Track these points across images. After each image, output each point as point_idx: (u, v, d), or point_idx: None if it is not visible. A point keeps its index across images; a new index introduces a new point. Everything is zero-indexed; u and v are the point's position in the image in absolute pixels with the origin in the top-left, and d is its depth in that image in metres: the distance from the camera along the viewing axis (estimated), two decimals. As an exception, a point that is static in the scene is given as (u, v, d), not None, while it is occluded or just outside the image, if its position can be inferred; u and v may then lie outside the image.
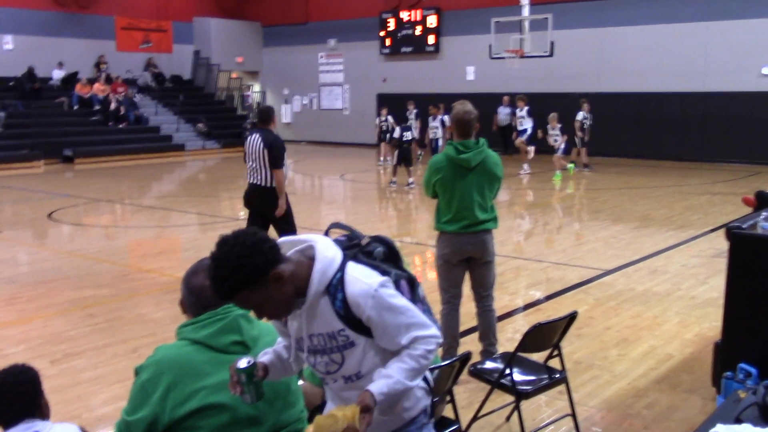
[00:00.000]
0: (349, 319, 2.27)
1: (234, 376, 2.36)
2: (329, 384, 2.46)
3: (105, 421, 4.51)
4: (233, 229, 2.20)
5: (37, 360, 5.59)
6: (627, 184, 15.89)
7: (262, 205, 7.60)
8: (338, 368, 2.37)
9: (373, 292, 2.24)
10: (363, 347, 2.33)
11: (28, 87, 22.89)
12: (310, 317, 2.31)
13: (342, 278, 2.26)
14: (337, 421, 2.14)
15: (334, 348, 2.33)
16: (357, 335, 2.30)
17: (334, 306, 2.27)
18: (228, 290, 2.15)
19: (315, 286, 2.25)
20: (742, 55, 18.85)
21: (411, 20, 25.06)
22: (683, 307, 6.81)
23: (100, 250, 9.76)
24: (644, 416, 4.57)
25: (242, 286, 2.13)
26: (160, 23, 27.63)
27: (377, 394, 2.22)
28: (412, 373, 2.29)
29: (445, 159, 5.06)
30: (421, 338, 2.30)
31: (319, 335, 2.33)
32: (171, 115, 25.57)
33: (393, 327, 2.27)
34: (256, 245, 2.15)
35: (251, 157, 7.49)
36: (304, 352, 2.41)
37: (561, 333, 4.10)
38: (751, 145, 18.91)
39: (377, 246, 2.43)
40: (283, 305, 2.26)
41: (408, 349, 2.29)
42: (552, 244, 9.72)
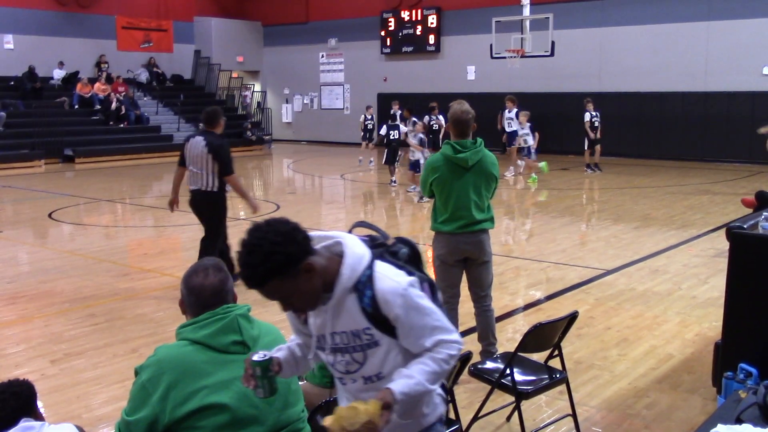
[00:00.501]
0: (376, 318, 2.25)
1: (249, 369, 2.35)
2: (347, 384, 2.42)
3: (105, 421, 4.51)
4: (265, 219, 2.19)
5: (37, 360, 5.61)
6: (628, 183, 15.89)
7: (204, 210, 7.31)
8: (359, 368, 2.35)
9: (402, 290, 2.23)
10: (386, 347, 2.31)
11: (28, 86, 22.88)
12: (336, 314, 2.29)
13: (371, 276, 2.24)
14: (358, 414, 2.13)
15: (357, 347, 2.31)
16: (382, 335, 2.29)
17: (362, 303, 2.25)
18: (259, 278, 2.12)
19: (344, 282, 2.23)
20: (743, 54, 18.85)
21: (411, 20, 25.06)
22: (684, 307, 6.80)
23: (101, 250, 9.76)
24: (645, 416, 4.57)
25: (274, 274, 2.11)
26: (161, 23, 27.63)
27: (398, 393, 2.20)
28: (433, 376, 2.27)
29: (442, 158, 5.05)
30: (444, 342, 2.29)
31: (343, 333, 2.30)
32: (172, 114, 25.57)
33: (419, 328, 2.26)
34: (290, 233, 2.14)
35: (192, 161, 7.13)
36: (324, 351, 2.39)
37: (561, 333, 4.10)
38: (752, 144, 18.84)
39: (402, 247, 2.42)
40: (311, 298, 2.24)
41: (431, 352, 2.28)
42: (552, 243, 9.72)
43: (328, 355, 2.38)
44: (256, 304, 2.69)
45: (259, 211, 7.40)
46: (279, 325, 2.90)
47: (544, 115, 22.01)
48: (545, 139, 21.87)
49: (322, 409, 2.99)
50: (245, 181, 18.43)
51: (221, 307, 2.60)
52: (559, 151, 21.67)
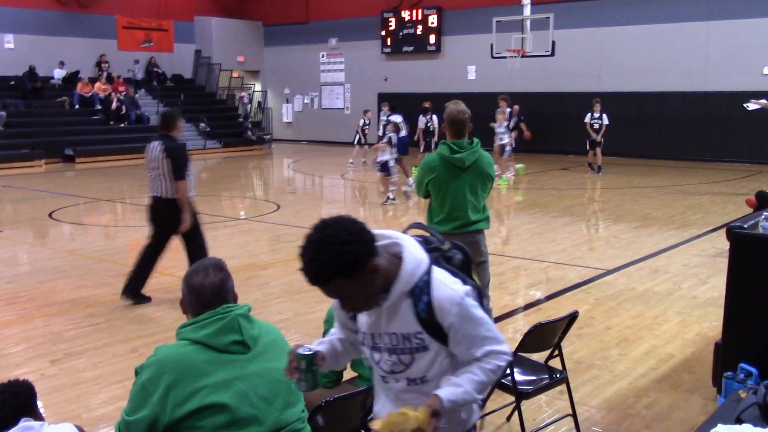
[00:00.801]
0: (430, 324, 2.25)
1: (293, 361, 2.34)
2: (389, 383, 2.41)
3: (105, 421, 4.51)
4: (332, 215, 2.17)
5: (37, 359, 5.61)
6: (628, 183, 15.88)
7: (164, 219, 7.01)
8: (404, 369, 2.35)
9: (459, 299, 2.23)
10: (435, 352, 2.31)
11: (29, 86, 22.89)
12: (389, 316, 2.29)
13: (428, 282, 2.24)
14: (408, 420, 2.14)
15: (405, 349, 2.31)
16: (432, 340, 2.28)
17: (417, 308, 2.25)
18: (325, 276, 2.10)
19: (402, 286, 2.23)
20: (743, 54, 18.85)
21: (412, 19, 25.06)
22: (684, 307, 6.80)
23: (101, 250, 9.76)
24: (645, 416, 4.57)
25: (340, 273, 2.09)
26: (161, 22, 27.63)
27: (446, 400, 2.21)
28: (481, 386, 2.28)
29: (438, 158, 5.04)
30: (494, 353, 2.29)
31: (393, 334, 2.30)
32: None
33: (471, 337, 2.26)
34: (359, 233, 2.12)
35: (150, 166, 6.94)
36: (371, 349, 2.39)
37: (561, 333, 4.10)
38: (752, 144, 18.91)
39: (457, 253, 2.43)
40: (371, 298, 2.23)
41: (480, 362, 2.29)
42: (552, 243, 9.72)
43: (374, 353, 2.39)
44: (256, 304, 2.69)
45: (186, 228, 6.98)
46: (279, 325, 2.90)
47: (545, 114, 22.05)
48: (545, 139, 21.97)
49: (322, 409, 2.99)
50: (245, 181, 18.43)
51: (221, 306, 2.60)
52: (559, 151, 21.70)
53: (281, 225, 11.36)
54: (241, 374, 2.53)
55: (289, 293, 7.43)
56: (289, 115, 29.43)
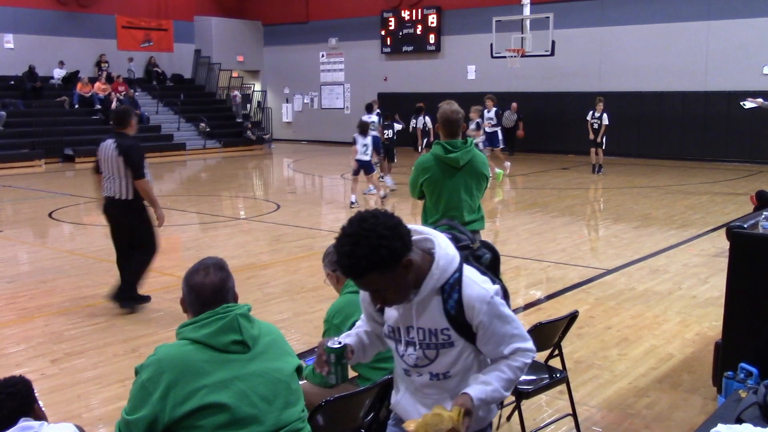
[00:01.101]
0: (458, 321, 2.28)
1: (323, 355, 2.38)
2: (411, 377, 2.44)
3: (105, 421, 4.51)
4: (369, 209, 2.20)
5: (37, 359, 5.61)
6: (628, 183, 15.88)
7: (120, 219, 6.74)
8: (428, 364, 2.37)
9: (489, 298, 2.26)
10: (460, 349, 2.34)
11: (29, 86, 22.90)
12: (418, 311, 2.31)
13: (459, 279, 2.26)
14: (443, 420, 2.17)
15: (431, 345, 2.34)
16: (458, 337, 2.31)
17: (446, 305, 2.27)
18: (361, 269, 2.12)
19: (433, 282, 2.25)
20: (743, 54, 18.85)
21: (412, 19, 25.06)
22: (684, 307, 6.80)
23: (101, 249, 9.76)
24: (645, 416, 4.56)
25: (376, 267, 2.11)
26: (161, 22, 27.63)
27: (476, 399, 2.24)
28: (509, 383, 2.32)
29: (432, 158, 5.03)
30: (521, 351, 2.33)
31: (420, 329, 2.33)
32: (172, 114, 25.59)
33: (499, 336, 2.30)
34: (396, 228, 2.14)
35: (105, 165, 6.66)
36: (396, 342, 2.42)
37: (562, 332, 4.10)
38: (752, 144, 18.91)
39: (486, 252, 2.46)
40: (404, 293, 2.25)
41: (507, 360, 2.32)
42: (552, 243, 9.72)
43: (399, 346, 2.41)
44: (256, 303, 2.69)
45: (164, 223, 6.94)
46: (279, 325, 2.90)
47: (544, 114, 22.06)
48: (545, 138, 21.99)
49: (322, 409, 2.99)
50: (244, 181, 18.43)
51: (221, 306, 2.60)
52: (559, 151, 21.71)
53: (281, 225, 11.36)
54: (240, 374, 2.53)
55: (289, 293, 7.43)
56: (288, 115, 29.42)
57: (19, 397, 2.65)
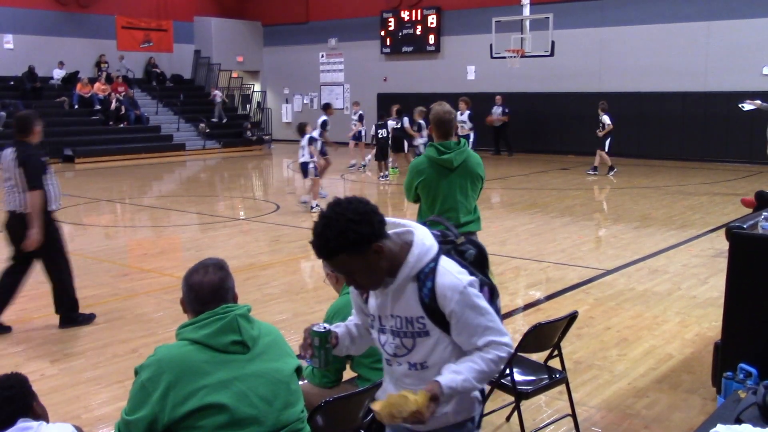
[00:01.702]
0: (432, 309, 2.33)
1: (307, 338, 2.46)
2: (392, 366, 2.50)
3: (104, 422, 4.51)
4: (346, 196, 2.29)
5: (37, 359, 5.61)
6: (627, 183, 15.88)
7: (21, 236, 6.07)
8: (406, 353, 2.43)
9: (462, 288, 2.31)
10: (436, 339, 2.38)
11: (28, 86, 22.89)
12: (395, 298, 2.37)
13: (434, 268, 2.32)
14: (408, 402, 2.20)
15: (408, 333, 2.39)
16: (433, 326, 2.36)
17: (421, 293, 2.33)
18: (329, 250, 2.24)
19: (408, 270, 2.32)
20: (743, 54, 18.85)
21: (411, 20, 25.05)
22: (683, 307, 6.80)
23: (100, 250, 9.76)
24: (644, 416, 4.57)
25: (343, 249, 2.21)
26: (161, 23, 27.63)
27: (446, 387, 2.27)
28: (481, 375, 2.34)
29: (426, 160, 5.01)
30: (495, 343, 2.35)
31: (398, 317, 2.39)
32: (171, 114, 25.59)
33: (472, 326, 2.33)
34: (367, 215, 2.24)
35: (5, 176, 6.10)
36: (378, 331, 2.48)
37: (561, 333, 4.10)
38: (752, 145, 18.88)
39: (470, 248, 2.51)
40: (375, 278, 2.32)
41: (481, 351, 2.35)
42: (552, 243, 9.72)
43: (381, 335, 2.47)
44: (255, 304, 2.70)
45: (33, 246, 6.10)
46: (278, 325, 2.90)
47: (544, 115, 22.06)
48: (545, 139, 22.00)
49: (322, 410, 2.99)
50: (244, 181, 18.41)
51: (221, 306, 2.60)
52: (558, 151, 21.70)
53: (281, 225, 11.36)
54: (240, 374, 2.53)
55: (288, 293, 7.43)
56: (288, 116, 29.41)
57: (16, 398, 2.63)
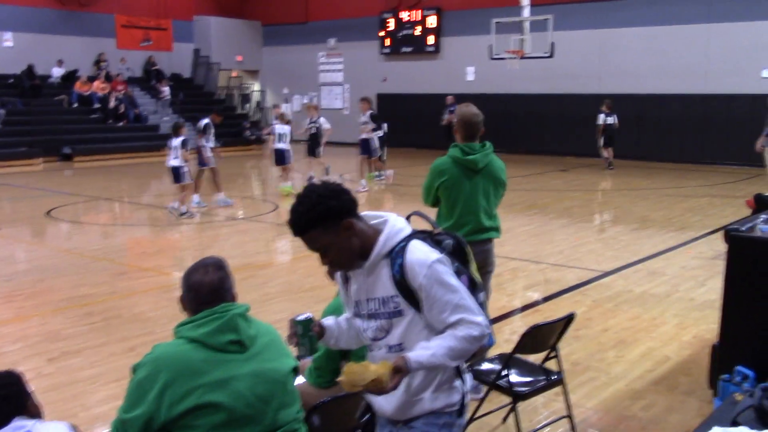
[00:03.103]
0: (403, 286, 2.38)
1: (291, 327, 2.54)
2: (374, 351, 2.56)
3: (101, 420, 4.50)
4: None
5: (34, 358, 5.60)
6: (626, 185, 15.89)
7: None
8: (384, 336, 2.49)
9: (430, 263, 2.36)
10: (410, 319, 2.43)
11: (27, 84, 22.86)
12: (370, 279, 2.44)
13: (405, 247, 2.39)
14: (367, 371, 2.24)
15: (384, 314, 2.45)
16: (407, 305, 2.41)
17: (392, 270, 2.39)
18: (302, 225, 2.35)
19: (379, 248, 2.40)
20: (742, 57, 18.86)
21: (411, 20, 25.05)
22: (681, 309, 6.81)
23: (99, 248, 9.76)
24: (641, 418, 4.57)
25: (315, 223, 2.34)
26: (160, 21, 27.61)
27: (413, 361, 2.31)
28: (452, 352, 2.35)
29: (450, 161, 4.82)
30: (466, 321, 2.37)
31: (375, 299, 2.46)
32: (170, 113, 25.56)
33: (442, 303, 2.36)
34: (336, 192, 2.38)
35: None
36: (360, 317, 2.54)
37: (558, 334, 4.10)
38: (751, 147, 18.82)
39: (447, 238, 2.55)
40: (347, 255, 2.40)
41: (451, 329, 2.37)
42: (550, 245, 9.72)
43: (362, 321, 2.54)
44: (253, 303, 2.70)
45: None
46: (276, 325, 2.89)
47: (544, 116, 22.07)
48: (544, 140, 21.99)
49: (318, 410, 2.99)
50: (243, 181, 18.41)
51: (219, 305, 2.60)
52: (558, 153, 21.70)
53: (279, 225, 11.36)
54: (237, 374, 2.53)
55: (286, 293, 7.43)
56: (288, 115, 29.38)
57: (11, 398, 2.62)
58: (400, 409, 2.53)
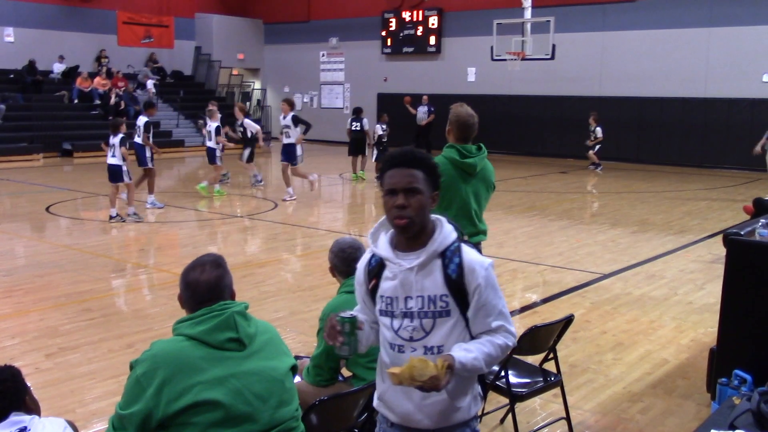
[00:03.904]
0: (458, 286, 2.39)
1: (337, 325, 2.41)
2: (405, 353, 2.45)
3: (99, 416, 4.50)
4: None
5: (32, 353, 5.60)
6: (626, 188, 15.90)
7: None
8: (424, 336, 2.43)
9: (487, 265, 2.43)
10: (455, 321, 2.42)
11: (28, 80, 22.86)
12: (420, 275, 2.41)
13: (459, 248, 2.43)
14: (428, 367, 2.22)
15: (429, 313, 2.41)
16: (455, 306, 2.41)
17: (447, 269, 2.40)
18: (417, 159, 2.44)
19: (435, 245, 2.42)
20: (743, 61, 18.87)
21: (413, 20, 25.06)
22: (680, 313, 6.81)
23: (98, 245, 9.75)
24: (638, 421, 4.57)
25: (426, 167, 2.43)
26: (162, 18, 27.60)
27: (458, 361, 2.30)
28: (489, 359, 2.39)
29: (447, 162, 4.72)
30: (505, 330, 2.44)
31: (419, 297, 2.42)
32: (171, 111, 25.55)
33: (491, 306, 2.41)
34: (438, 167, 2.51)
35: None
36: (391, 316, 2.46)
37: (557, 336, 4.10)
38: (751, 151, 18.91)
39: (472, 246, 2.60)
40: (421, 214, 2.40)
41: (490, 336, 2.41)
42: (549, 247, 9.72)
43: (396, 320, 2.46)
44: (252, 301, 2.69)
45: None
46: (275, 323, 2.90)
47: (544, 118, 22.07)
48: (544, 141, 22.00)
49: (316, 408, 2.99)
50: (242, 179, 18.40)
51: (218, 303, 2.60)
52: (558, 154, 21.71)
53: (278, 223, 11.36)
54: (236, 372, 2.53)
55: (285, 291, 7.43)
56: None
57: (8, 393, 2.62)
58: (442, 416, 2.45)
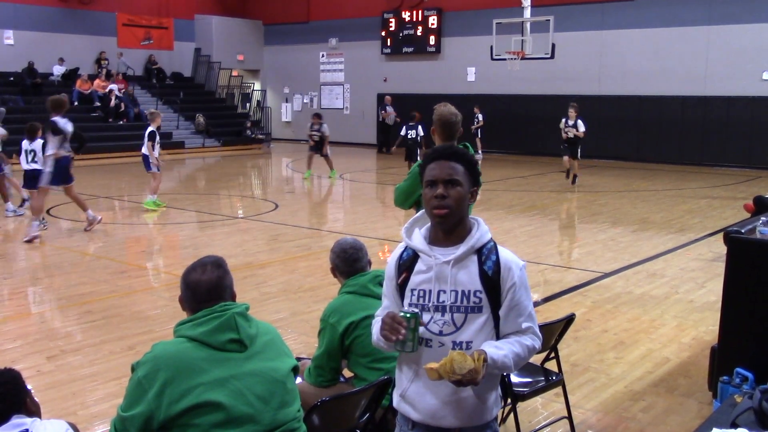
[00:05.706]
0: (492, 283, 2.44)
1: (402, 321, 2.38)
2: (433, 347, 2.45)
3: (100, 419, 4.50)
4: None
5: (33, 356, 5.60)
6: (626, 186, 15.89)
7: None
8: (454, 331, 2.44)
9: (521, 265, 2.52)
10: (485, 319, 2.44)
11: (28, 82, 22.87)
12: (454, 269, 2.44)
13: (495, 247, 2.50)
14: (467, 361, 2.25)
15: (461, 308, 2.44)
16: (487, 303, 2.44)
17: (484, 266, 2.45)
18: (458, 154, 2.49)
19: (473, 241, 2.47)
20: (743, 59, 18.87)
21: (412, 20, 25.06)
22: (681, 311, 6.81)
23: (99, 247, 9.75)
24: (640, 419, 4.57)
25: (466, 162, 2.48)
26: (162, 20, 27.61)
27: (489, 357, 2.33)
28: (517, 359, 2.42)
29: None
30: (533, 332, 2.50)
31: (453, 291, 2.44)
32: (171, 112, 25.56)
33: (522, 307, 2.48)
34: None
35: None
36: (422, 309, 2.46)
37: (558, 335, 4.10)
38: (751, 149, 18.92)
39: None
40: (460, 206, 2.44)
41: (518, 336, 2.45)
42: (550, 246, 9.72)
43: (425, 312, 2.46)
44: (253, 302, 2.69)
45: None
46: (276, 324, 2.90)
47: (544, 117, 22.05)
48: (544, 141, 21.98)
49: (318, 409, 2.99)
50: (244, 180, 18.41)
51: (219, 304, 2.60)
52: (558, 154, 21.63)
53: (279, 224, 11.36)
54: (237, 373, 2.53)
55: (286, 292, 7.42)
56: (288, 115, 29.41)
57: (9, 396, 2.62)
58: (475, 414, 2.46)
